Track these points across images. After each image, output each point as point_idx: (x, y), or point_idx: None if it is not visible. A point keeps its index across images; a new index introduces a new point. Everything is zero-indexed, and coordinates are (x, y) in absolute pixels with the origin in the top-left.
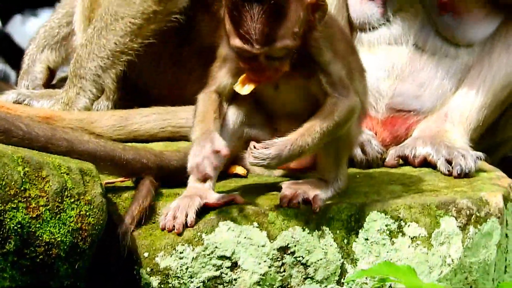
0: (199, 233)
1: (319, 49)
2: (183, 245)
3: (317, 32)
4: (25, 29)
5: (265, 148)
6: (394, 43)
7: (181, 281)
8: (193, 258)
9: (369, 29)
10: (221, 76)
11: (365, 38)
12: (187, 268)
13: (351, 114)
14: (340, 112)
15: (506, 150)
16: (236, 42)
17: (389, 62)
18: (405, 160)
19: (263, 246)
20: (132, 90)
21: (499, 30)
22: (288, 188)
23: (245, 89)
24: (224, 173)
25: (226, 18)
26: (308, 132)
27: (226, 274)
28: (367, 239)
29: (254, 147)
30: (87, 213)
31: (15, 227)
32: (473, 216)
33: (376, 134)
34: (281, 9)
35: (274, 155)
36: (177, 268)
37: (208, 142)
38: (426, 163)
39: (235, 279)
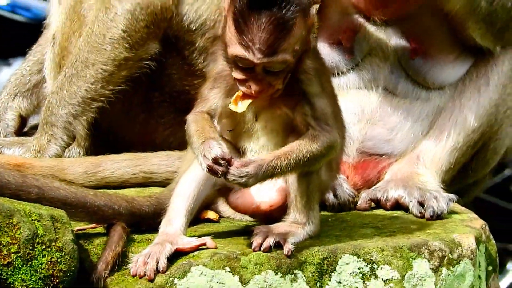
0: (171, 278)
1: (309, 79)
2: None
3: (309, 60)
4: None
5: (244, 166)
6: (364, 87)
7: None
8: None
9: (338, 74)
10: (212, 97)
11: (334, 83)
12: None
13: (329, 150)
14: (320, 145)
15: (479, 192)
16: (238, 50)
17: (359, 106)
18: (377, 203)
19: None
20: (103, 137)
21: (470, 73)
22: (259, 232)
23: (239, 107)
24: (196, 218)
25: (228, 27)
26: (285, 155)
27: None
28: (340, 282)
29: (233, 165)
30: (59, 260)
31: None
32: (446, 258)
33: (347, 178)
34: (288, 22)
35: (252, 174)
36: None
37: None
38: (398, 205)
39: None
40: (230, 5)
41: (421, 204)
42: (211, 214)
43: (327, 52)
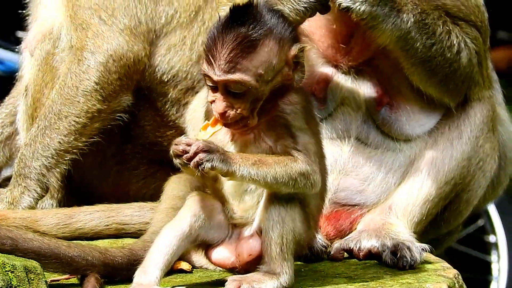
0: None
1: (295, 113)
2: None
3: (295, 95)
4: None
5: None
6: (336, 137)
7: None
8: None
9: None
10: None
11: None
12: None
13: (304, 180)
14: (296, 167)
15: (451, 242)
16: (203, 66)
17: (331, 157)
18: (350, 253)
19: None
20: (76, 188)
21: (441, 125)
22: (233, 281)
23: (205, 133)
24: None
25: (203, 46)
26: (260, 162)
27: None
28: None
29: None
30: None
31: None
32: None
33: (320, 228)
34: (252, 42)
35: (212, 156)
36: None
37: None
38: (371, 255)
39: None
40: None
41: (394, 254)
42: (184, 265)
43: None
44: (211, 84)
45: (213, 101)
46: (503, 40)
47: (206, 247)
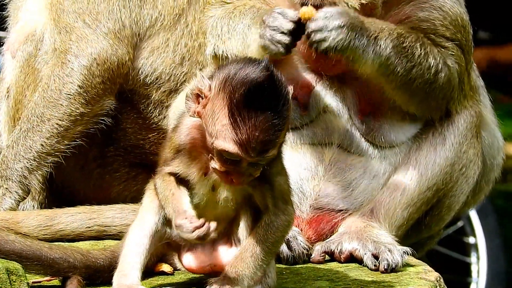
0: None
1: (275, 159)
2: None
3: None
4: None
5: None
6: (317, 143)
7: None
8: None
9: (292, 129)
10: (174, 165)
11: (288, 137)
12: None
13: (288, 229)
14: (277, 231)
15: (432, 245)
16: (230, 147)
17: (312, 162)
18: (331, 256)
19: None
20: (58, 190)
21: (425, 130)
22: (215, 283)
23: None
24: (150, 271)
25: (216, 117)
26: (248, 256)
27: None
28: None
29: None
30: None
31: None
32: None
33: (301, 231)
34: (284, 122)
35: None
36: None
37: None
38: (352, 258)
39: None
40: (221, 94)
41: (376, 256)
42: (165, 267)
43: None
44: (230, 159)
45: (225, 171)
46: (483, 40)
47: (178, 249)
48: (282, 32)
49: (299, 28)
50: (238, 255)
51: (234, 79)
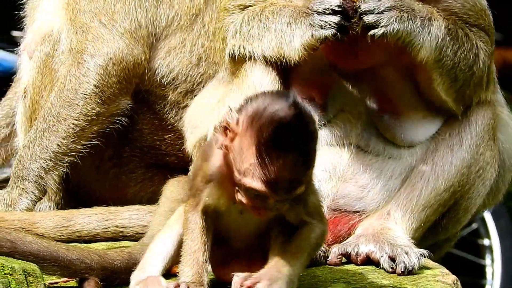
0: None
1: (307, 183)
2: None
3: None
4: None
5: (258, 282)
6: (335, 144)
7: None
8: None
9: None
10: (205, 195)
11: None
12: None
13: (323, 240)
14: (316, 238)
15: (449, 248)
16: (258, 185)
17: (330, 164)
18: (348, 258)
19: None
20: (74, 191)
21: (442, 131)
22: (239, 277)
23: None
24: (166, 273)
25: (244, 155)
26: (292, 259)
27: None
28: None
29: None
30: None
31: None
32: None
33: None
34: (312, 160)
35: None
36: None
37: None
38: (369, 260)
39: None
40: (249, 132)
41: (392, 259)
42: None
43: None
44: (259, 196)
45: (253, 204)
46: (496, 41)
47: (211, 258)
48: (331, 13)
49: (347, 8)
50: (274, 265)
51: (262, 116)
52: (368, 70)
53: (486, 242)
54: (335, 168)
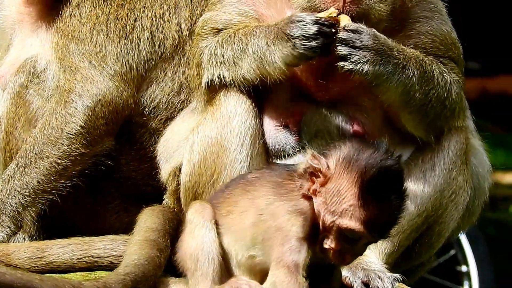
0: None
1: None
2: None
3: None
4: None
5: None
6: None
7: None
8: None
9: (284, 157)
10: (305, 255)
11: None
12: None
13: None
14: None
15: (423, 272)
16: (356, 226)
17: None
18: None
19: None
20: (49, 222)
21: (415, 156)
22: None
23: None
24: None
25: (346, 198)
26: None
27: None
28: None
29: None
30: None
31: None
32: None
33: None
34: (405, 203)
35: None
36: None
37: None
38: (343, 286)
39: None
40: (348, 174)
41: (366, 284)
42: None
43: (274, 135)
44: (352, 237)
45: (339, 249)
46: (474, 70)
47: None
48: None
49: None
50: None
51: (360, 159)
52: (343, 97)
53: (464, 268)
54: None
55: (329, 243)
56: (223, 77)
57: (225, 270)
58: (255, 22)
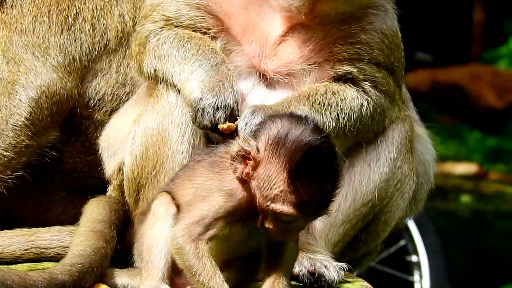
0: None
1: None
2: None
3: None
4: None
5: None
6: None
7: None
8: None
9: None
10: (216, 229)
11: None
12: None
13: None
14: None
15: (370, 261)
16: (289, 210)
17: None
18: None
19: None
20: None
21: (359, 147)
22: None
23: None
24: None
25: (276, 184)
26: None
27: None
28: None
29: None
30: None
31: None
32: None
33: None
34: (339, 177)
35: None
36: None
37: None
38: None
39: None
40: (275, 159)
41: (312, 273)
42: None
43: None
44: (287, 220)
45: (278, 227)
46: (424, 62)
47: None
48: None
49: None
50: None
51: (287, 142)
52: (287, 76)
53: (414, 258)
54: None
55: (267, 224)
56: (157, 71)
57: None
58: (205, 14)
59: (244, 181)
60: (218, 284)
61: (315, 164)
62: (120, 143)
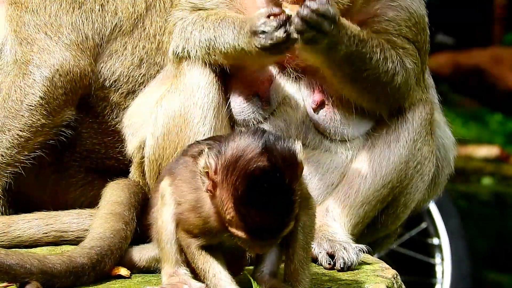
0: None
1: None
2: None
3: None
4: None
5: None
6: None
7: None
8: None
9: (253, 124)
10: (201, 239)
11: None
12: None
13: (315, 219)
14: (310, 226)
15: (390, 244)
16: (243, 236)
17: None
18: None
19: None
20: (14, 197)
21: (379, 127)
22: None
23: None
24: (107, 274)
25: (227, 210)
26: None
27: None
28: None
29: None
30: None
31: None
32: None
33: None
34: (294, 198)
35: None
36: None
37: None
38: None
39: None
40: (225, 185)
41: (331, 255)
42: (122, 271)
43: (242, 105)
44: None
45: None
46: (446, 45)
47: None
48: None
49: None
50: (289, 264)
51: (236, 168)
52: (309, 67)
53: (435, 241)
54: None
55: (238, 241)
56: (188, 51)
57: None
58: (228, 2)
59: (213, 195)
60: (223, 280)
61: (262, 197)
62: (142, 122)
